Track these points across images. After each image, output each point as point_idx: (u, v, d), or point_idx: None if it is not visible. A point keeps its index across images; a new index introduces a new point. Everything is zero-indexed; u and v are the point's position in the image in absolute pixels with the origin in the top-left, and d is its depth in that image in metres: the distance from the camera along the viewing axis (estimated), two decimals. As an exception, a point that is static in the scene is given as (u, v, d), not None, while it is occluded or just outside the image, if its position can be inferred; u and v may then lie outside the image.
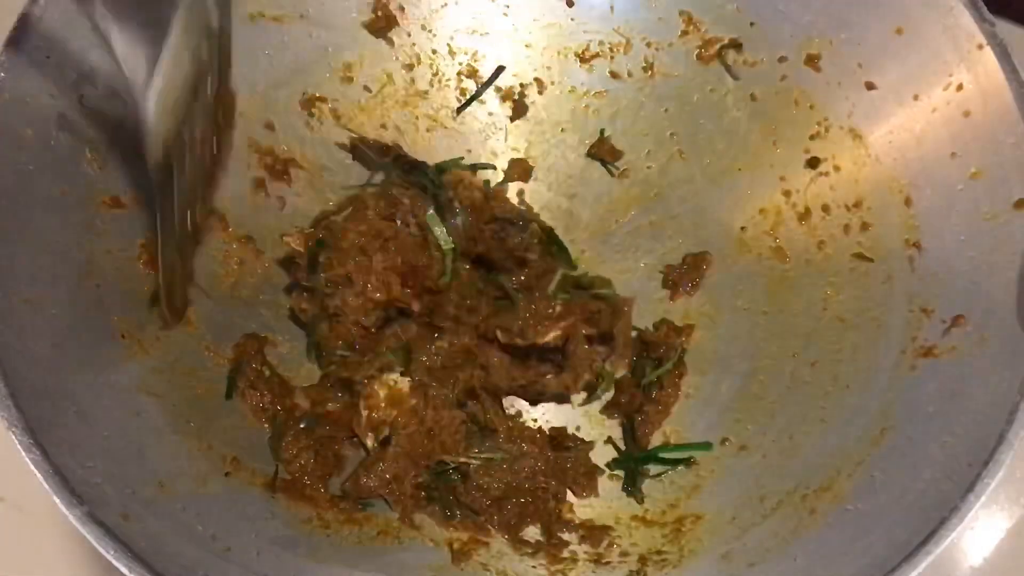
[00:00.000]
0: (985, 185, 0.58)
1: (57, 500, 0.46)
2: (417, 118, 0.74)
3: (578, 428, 0.67)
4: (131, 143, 0.61)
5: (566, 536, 0.61)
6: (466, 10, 0.74)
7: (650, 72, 0.73)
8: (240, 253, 0.67)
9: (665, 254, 0.72)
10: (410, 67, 0.74)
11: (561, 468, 0.63)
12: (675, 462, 0.64)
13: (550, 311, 0.62)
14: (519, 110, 0.74)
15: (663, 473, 0.64)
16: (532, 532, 0.62)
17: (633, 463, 0.64)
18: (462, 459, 0.61)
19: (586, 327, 0.62)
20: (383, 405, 0.62)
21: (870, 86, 0.65)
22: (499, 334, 0.62)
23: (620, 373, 0.67)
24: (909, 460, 0.54)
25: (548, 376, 0.63)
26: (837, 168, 0.67)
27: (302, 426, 0.62)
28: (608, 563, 0.59)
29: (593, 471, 0.64)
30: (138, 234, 0.61)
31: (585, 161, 0.74)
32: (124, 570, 0.46)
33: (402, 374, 0.63)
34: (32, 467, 0.47)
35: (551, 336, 0.61)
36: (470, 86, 0.75)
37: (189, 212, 0.60)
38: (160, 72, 0.53)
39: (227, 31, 0.61)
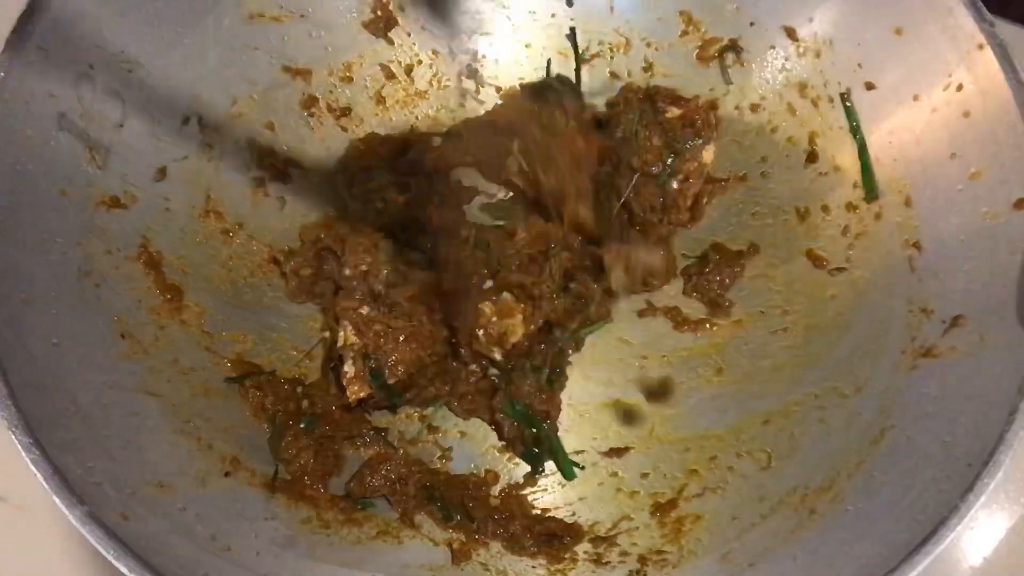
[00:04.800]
0: (985, 185, 0.58)
1: (57, 500, 0.46)
2: (417, 118, 0.74)
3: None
4: (131, 143, 0.62)
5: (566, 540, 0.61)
6: (466, 10, 0.74)
7: (650, 72, 0.73)
8: (240, 252, 0.67)
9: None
10: (410, 67, 0.74)
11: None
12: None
13: None
14: (520, 110, 0.75)
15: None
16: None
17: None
18: (573, 327, 0.66)
19: None
20: (495, 319, 0.64)
21: (870, 86, 0.65)
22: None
23: None
24: (909, 460, 0.54)
25: None
26: (837, 168, 0.67)
27: (302, 426, 0.62)
28: (608, 563, 0.59)
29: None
30: (138, 234, 0.61)
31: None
32: (124, 570, 0.46)
33: (494, 280, 0.66)
34: (32, 467, 0.47)
35: None
36: (470, 86, 0.75)
37: None
38: None
39: None
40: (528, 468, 0.65)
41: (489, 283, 0.66)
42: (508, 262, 0.66)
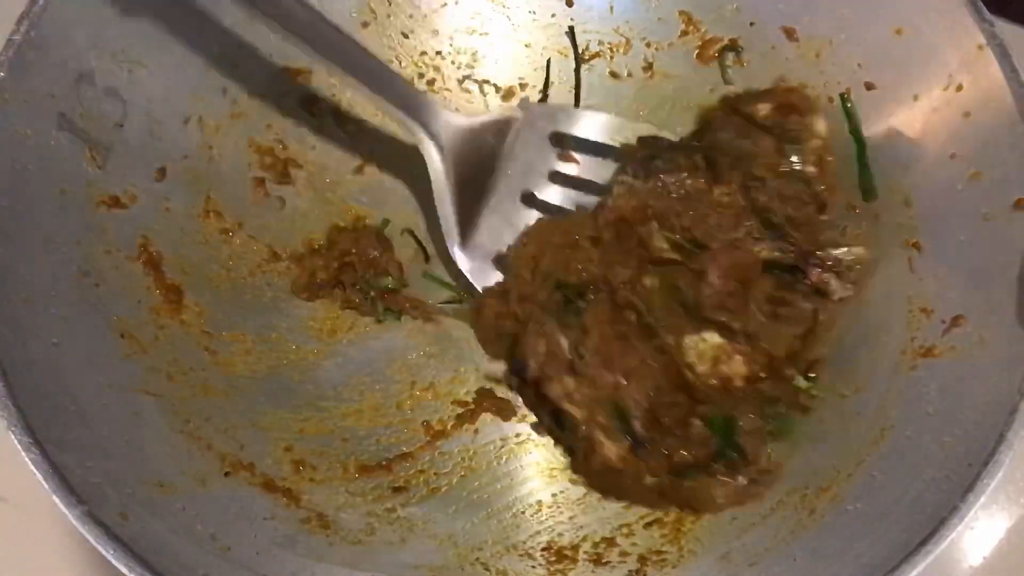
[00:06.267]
0: (985, 185, 0.58)
1: (57, 500, 0.46)
2: (417, 118, 0.74)
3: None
4: (131, 143, 0.62)
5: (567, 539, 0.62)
6: (466, 10, 0.74)
7: (650, 72, 0.73)
8: (240, 252, 0.67)
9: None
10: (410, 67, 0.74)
11: None
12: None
13: None
14: (520, 109, 0.75)
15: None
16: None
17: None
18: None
19: None
20: (712, 366, 0.62)
21: (870, 86, 0.65)
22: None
23: None
24: (909, 460, 0.54)
25: None
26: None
27: None
28: (608, 563, 0.59)
29: None
30: (138, 234, 0.61)
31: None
32: (124, 570, 0.46)
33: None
34: (32, 467, 0.47)
35: None
36: (470, 86, 0.75)
37: None
38: None
39: None
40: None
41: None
42: (706, 302, 0.62)
